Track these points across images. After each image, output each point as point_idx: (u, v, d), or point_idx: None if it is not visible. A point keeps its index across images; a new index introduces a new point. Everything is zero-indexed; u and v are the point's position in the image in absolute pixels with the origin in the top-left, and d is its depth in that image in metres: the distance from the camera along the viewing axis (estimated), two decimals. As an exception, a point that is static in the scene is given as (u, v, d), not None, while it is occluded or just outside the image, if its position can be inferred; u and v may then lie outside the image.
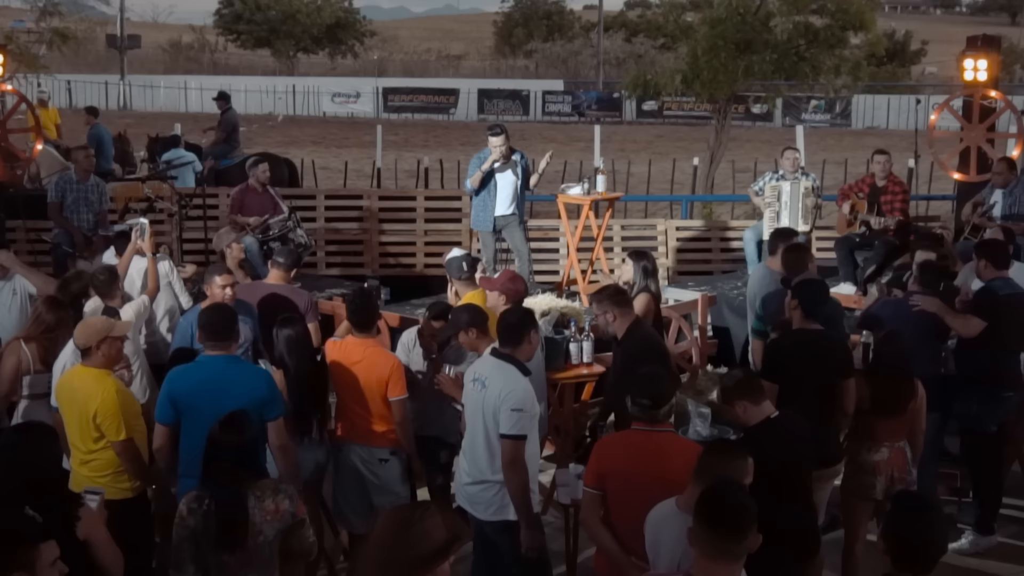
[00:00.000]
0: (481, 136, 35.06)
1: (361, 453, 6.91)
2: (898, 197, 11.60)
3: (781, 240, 8.93)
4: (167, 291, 8.71)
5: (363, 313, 6.92)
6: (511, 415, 5.90)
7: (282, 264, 8.59)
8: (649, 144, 36.79)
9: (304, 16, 62.19)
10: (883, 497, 6.95)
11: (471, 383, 6.22)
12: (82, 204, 11.38)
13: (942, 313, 7.96)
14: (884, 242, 11.48)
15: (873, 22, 17.63)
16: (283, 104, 46.07)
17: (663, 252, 14.61)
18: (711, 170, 18.84)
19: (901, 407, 6.96)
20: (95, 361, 6.26)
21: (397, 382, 6.77)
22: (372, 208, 14.74)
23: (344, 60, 65.33)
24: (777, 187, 12.03)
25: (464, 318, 6.84)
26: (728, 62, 17.03)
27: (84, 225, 11.35)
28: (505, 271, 7.76)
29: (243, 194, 11.95)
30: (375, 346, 6.91)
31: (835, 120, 43.25)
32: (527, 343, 6.21)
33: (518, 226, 11.11)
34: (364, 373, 6.79)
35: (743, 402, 5.97)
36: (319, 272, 14.41)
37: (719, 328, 11.50)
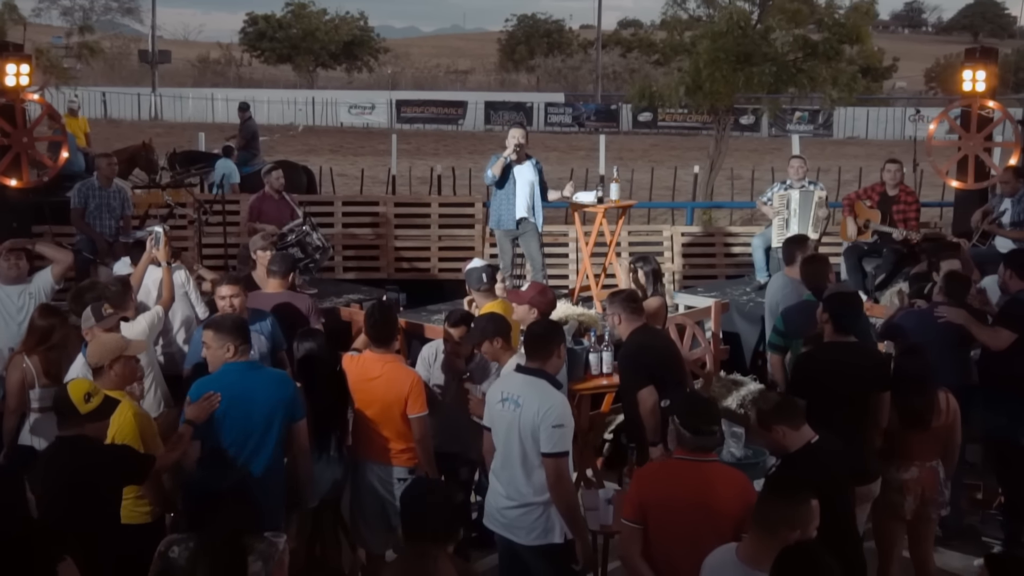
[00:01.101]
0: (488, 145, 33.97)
1: (379, 472, 6.11)
2: (911, 207, 10.78)
3: (797, 248, 8.13)
4: (183, 301, 7.90)
5: (382, 328, 6.11)
6: (552, 432, 5.17)
7: (276, 272, 7.84)
8: (645, 152, 35.98)
9: (323, 34, 61.86)
10: (912, 517, 6.19)
11: (499, 403, 5.42)
12: (104, 210, 10.57)
13: (969, 325, 7.18)
14: (893, 250, 10.67)
15: (868, 36, 16.83)
16: (303, 115, 45.32)
17: (669, 257, 13.82)
18: (711, 178, 18.03)
19: (926, 422, 6.17)
20: (107, 381, 5.47)
21: (417, 399, 5.97)
22: (388, 214, 13.95)
23: (360, 74, 64.69)
24: (786, 196, 11.21)
25: (490, 327, 6.08)
26: (729, 74, 16.22)
27: (106, 231, 10.54)
28: (533, 284, 6.98)
29: (260, 201, 11.16)
30: (394, 361, 6.10)
31: (818, 130, 42.42)
32: (556, 356, 5.47)
33: (534, 233, 10.28)
34: (383, 390, 5.99)
35: (782, 427, 5.20)
36: (337, 276, 13.67)
37: (729, 333, 10.68)
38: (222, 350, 5.74)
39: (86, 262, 10.00)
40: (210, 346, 5.78)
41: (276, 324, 7.26)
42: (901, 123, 43.59)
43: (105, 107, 44.87)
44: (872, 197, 11.02)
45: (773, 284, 8.34)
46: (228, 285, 7.09)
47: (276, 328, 7.24)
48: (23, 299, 7.44)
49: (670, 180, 20.53)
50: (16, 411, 6.49)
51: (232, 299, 7.03)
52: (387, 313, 6.22)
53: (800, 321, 7.11)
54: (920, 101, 54.40)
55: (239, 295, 7.06)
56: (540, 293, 6.68)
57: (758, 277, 11.44)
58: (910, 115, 36.94)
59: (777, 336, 7.42)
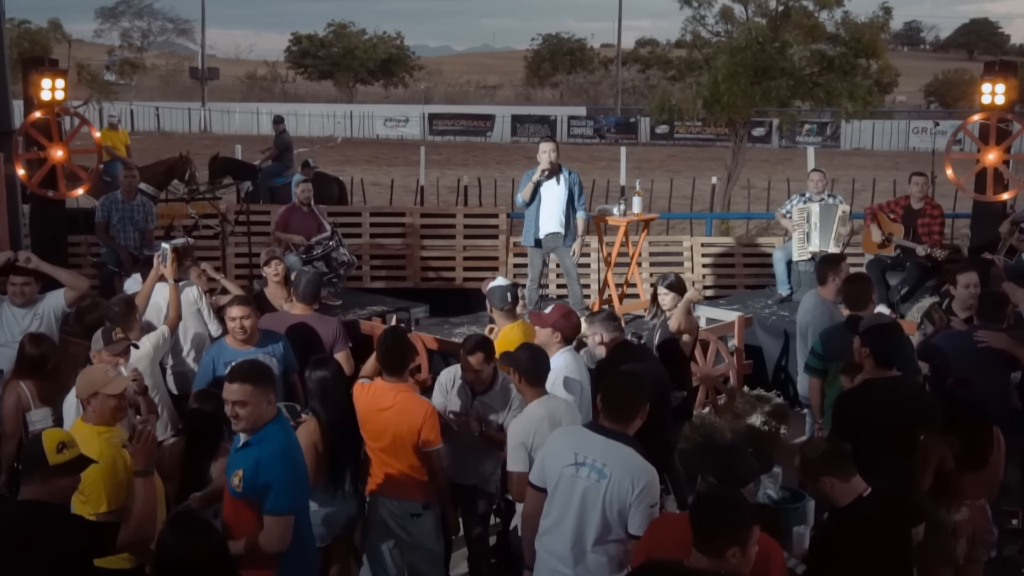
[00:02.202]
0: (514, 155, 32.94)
1: (391, 507, 5.30)
2: (936, 221, 9.88)
3: (830, 269, 7.21)
4: (196, 319, 7.11)
5: (395, 356, 5.29)
6: (648, 513, 4.27)
7: (305, 295, 6.95)
8: (662, 163, 35.05)
9: (361, 52, 61.37)
10: (965, 561, 5.31)
11: (572, 466, 4.39)
12: (128, 223, 9.83)
13: (1012, 349, 6.28)
14: (917, 264, 9.77)
15: (883, 51, 15.84)
16: (342, 127, 44.68)
17: (689, 268, 12.96)
18: (728, 188, 17.11)
19: (983, 460, 5.30)
20: (88, 416, 4.68)
21: (431, 431, 5.16)
22: (414, 224, 13.17)
23: (396, 90, 64.03)
24: (806, 209, 10.34)
25: (524, 361, 5.18)
26: (747, 88, 15.30)
27: (130, 244, 9.80)
28: (558, 306, 6.09)
29: (288, 213, 10.39)
30: (407, 391, 5.27)
31: (826, 142, 41.25)
32: (639, 419, 4.50)
33: (568, 247, 9.40)
34: (395, 421, 5.18)
35: (830, 478, 4.33)
36: (364, 285, 12.91)
37: (751, 347, 9.81)
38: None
39: (110, 275, 9.28)
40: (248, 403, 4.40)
41: (289, 346, 6.46)
42: (904, 135, 42.50)
43: (158, 120, 44.35)
44: (896, 211, 10.11)
45: (804, 304, 7.44)
46: (239, 306, 6.28)
47: (289, 350, 6.44)
48: (30, 321, 6.68)
49: (688, 190, 19.62)
50: (13, 436, 5.74)
51: (243, 320, 6.23)
52: (399, 340, 5.37)
53: (840, 343, 6.25)
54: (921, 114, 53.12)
55: (250, 316, 6.25)
56: (564, 316, 5.83)
57: (780, 290, 10.58)
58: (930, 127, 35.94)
59: (815, 359, 6.55)
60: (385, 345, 5.28)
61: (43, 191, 11.14)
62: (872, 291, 6.48)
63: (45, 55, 16.00)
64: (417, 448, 5.15)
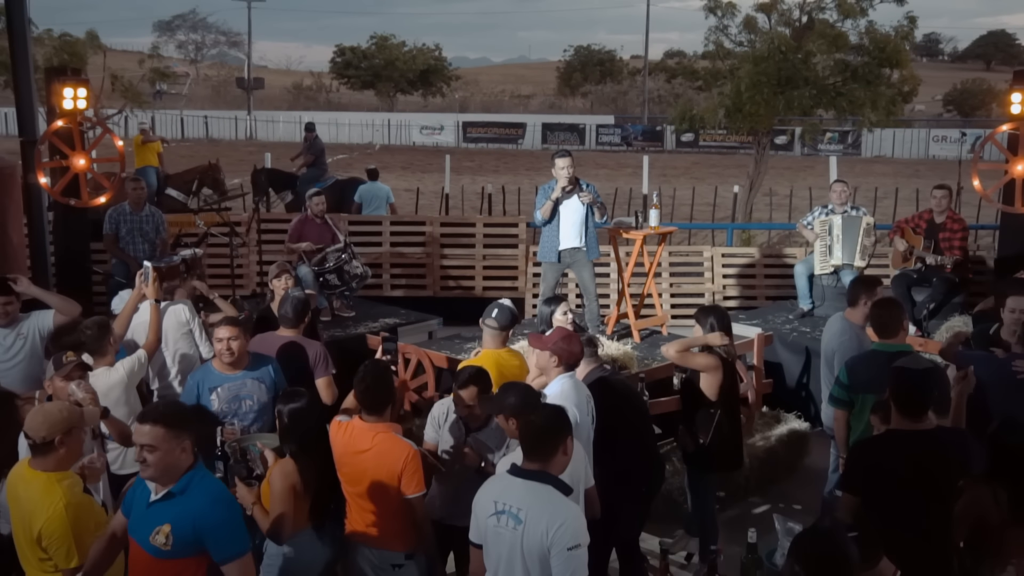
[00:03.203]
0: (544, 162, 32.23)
1: (371, 556, 4.56)
2: (957, 235, 9.01)
3: (864, 290, 6.33)
4: (186, 339, 6.39)
5: (374, 394, 4.54)
6: (568, 557, 3.60)
7: (288, 319, 6.16)
8: (687, 170, 34.16)
9: (401, 63, 60.87)
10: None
11: (492, 516, 3.80)
12: (137, 235, 9.18)
13: (1058, 382, 5.43)
14: (943, 279, 8.89)
15: (908, 60, 14.88)
16: (380, 135, 44.13)
17: (709, 278, 12.13)
18: (750, 197, 16.22)
19: (1035, 514, 4.47)
20: (49, 461, 3.99)
21: (412, 476, 4.41)
22: (434, 233, 12.45)
23: (434, 99, 63.42)
24: (828, 221, 9.49)
25: (510, 401, 4.46)
26: (770, 97, 14.42)
27: (141, 256, 9.11)
28: (558, 328, 5.32)
29: (301, 224, 9.70)
30: (386, 432, 4.50)
31: (847, 149, 40.04)
32: (562, 454, 3.84)
33: (587, 262, 8.50)
34: (373, 465, 4.44)
35: None
36: (384, 293, 12.21)
37: (771, 364, 8.99)
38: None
39: (118, 287, 8.56)
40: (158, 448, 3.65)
41: (280, 370, 5.74)
42: (925, 143, 41.20)
43: (207, 128, 44.02)
44: (920, 224, 9.25)
45: (830, 328, 6.56)
46: (226, 326, 5.56)
47: (280, 374, 5.71)
48: (13, 340, 6.03)
49: (710, 197, 18.77)
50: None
51: (230, 342, 5.51)
52: (380, 377, 4.60)
53: (868, 375, 5.43)
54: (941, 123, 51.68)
55: (238, 338, 5.53)
56: (564, 340, 5.04)
57: (801, 304, 9.74)
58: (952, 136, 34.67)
59: (841, 389, 5.68)
60: (364, 382, 4.53)
61: (65, 199, 10.57)
62: (903, 318, 5.62)
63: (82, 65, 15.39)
64: (398, 494, 4.41)
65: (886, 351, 5.48)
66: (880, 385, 5.38)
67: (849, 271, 9.38)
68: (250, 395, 5.54)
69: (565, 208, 8.34)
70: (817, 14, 14.86)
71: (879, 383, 5.38)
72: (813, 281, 9.66)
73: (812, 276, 9.63)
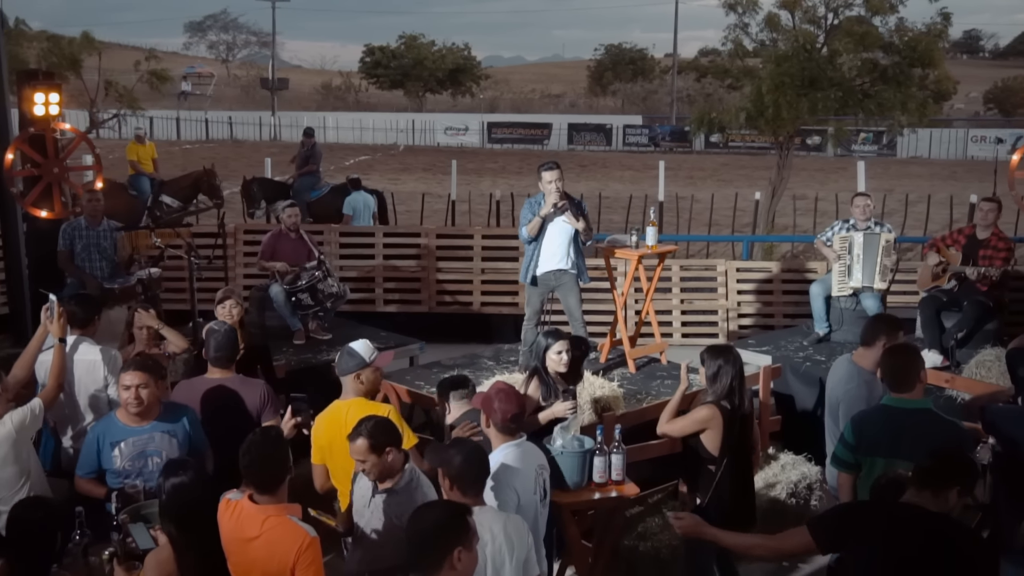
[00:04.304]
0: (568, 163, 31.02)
1: (267, 662, 3.78)
2: (1000, 255, 7.98)
3: (884, 329, 5.42)
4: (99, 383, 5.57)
5: (262, 472, 3.76)
6: None
7: (218, 358, 5.33)
8: (714, 172, 33.16)
9: (430, 62, 60.23)
10: None
11: None
12: (94, 251, 8.42)
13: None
14: (975, 303, 7.93)
15: (941, 60, 13.85)
16: (404, 136, 43.49)
17: (723, 294, 11.27)
18: (772, 204, 15.27)
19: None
20: None
21: (308, 569, 3.61)
22: (430, 245, 11.68)
23: (463, 99, 62.75)
24: (848, 238, 8.58)
25: (456, 464, 3.75)
26: (793, 99, 13.48)
27: (98, 274, 8.43)
28: (497, 383, 4.51)
29: (275, 239, 8.96)
30: (279, 515, 3.70)
31: (882, 151, 38.80)
32: (448, 568, 3.07)
33: (573, 285, 7.59)
34: (263, 556, 3.65)
35: None
36: (377, 309, 11.48)
37: (782, 395, 8.13)
38: None
39: (68, 310, 7.82)
40: None
41: (197, 423, 4.97)
42: (963, 143, 39.81)
43: (232, 129, 43.60)
44: (959, 239, 8.28)
45: (835, 373, 5.65)
46: (134, 371, 4.77)
47: (198, 428, 4.94)
48: None
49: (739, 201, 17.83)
50: None
51: (139, 390, 4.74)
52: (269, 451, 3.80)
53: (878, 435, 4.58)
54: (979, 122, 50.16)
55: (148, 385, 4.74)
56: (498, 397, 4.22)
57: (817, 329, 8.84)
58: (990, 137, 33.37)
59: (846, 451, 4.76)
60: (249, 456, 3.74)
61: (36, 210, 9.93)
62: (921, 368, 4.72)
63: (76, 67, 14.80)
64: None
65: (901, 408, 4.62)
66: (893, 448, 4.55)
67: (870, 294, 8.48)
68: (158, 451, 4.79)
69: (551, 226, 7.52)
70: (844, 11, 13.89)
71: (891, 445, 4.55)
72: (831, 303, 8.77)
73: (829, 298, 8.74)
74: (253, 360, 6.49)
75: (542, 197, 7.54)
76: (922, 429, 4.55)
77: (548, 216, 7.45)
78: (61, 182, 10.37)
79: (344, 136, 43.68)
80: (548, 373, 5.48)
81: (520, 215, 7.73)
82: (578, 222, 7.44)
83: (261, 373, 6.57)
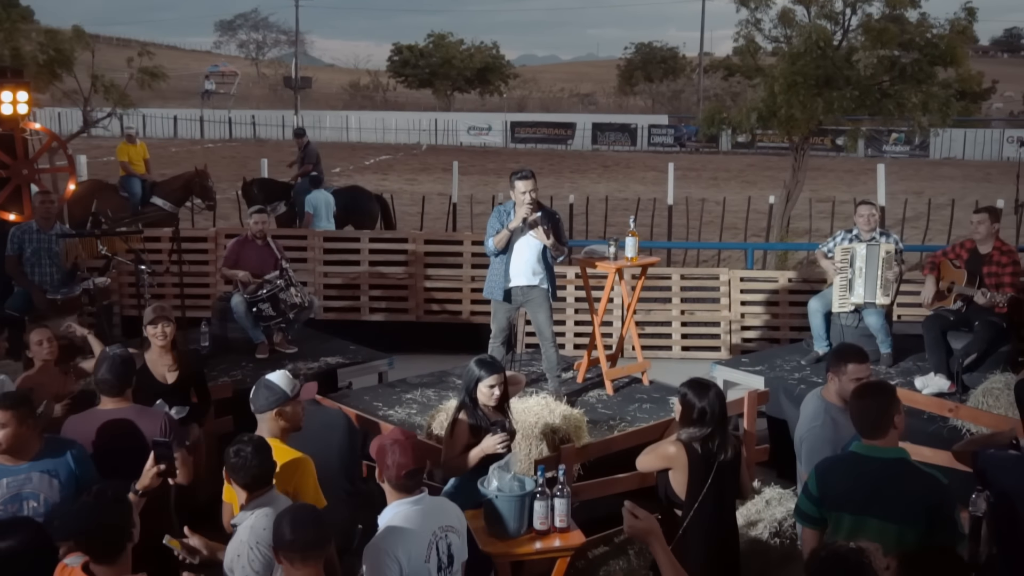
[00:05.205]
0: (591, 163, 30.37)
1: None
2: (1006, 270, 7.25)
3: (847, 360, 4.81)
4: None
5: (100, 536, 3.18)
6: None
7: (106, 385, 4.72)
8: (740, 173, 32.33)
9: (458, 61, 59.80)
10: None
11: None
12: (44, 256, 7.91)
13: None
14: (987, 324, 7.22)
15: (965, 57, 13.05)
16: (427, 136, 43.02)
17: (726, 305, 10.62)
18: (787, 209, 14.55)
19: None
20: None
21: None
22: (418, 251, 11.14)
23: (491, 97, 62.24)
24: (850, 249, 7.90)
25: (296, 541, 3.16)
26: (807, 99, 12.77)
27: (47, 281, 7.92)
28: (394, 431, 3.94)
29: (239, 246, 8.46)
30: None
31: (914, 151, 37.72)
32: None
33: (543, 301, 7.05)
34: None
35: None
36: (362, 317, 10.97)
37: (774, 420, 7.49)
38: None
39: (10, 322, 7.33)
40: None
41: (86, 460, 4.43)
42: (999, 144, 38.57)
43: (255, 129, 43.39)
44: (961, 255, 7.58)
45: (804, 410, 4.99)
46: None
47: (85, 464, 4.40)
48: None
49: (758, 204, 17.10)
50: None
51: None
52: (112, 516, 3.22)
53: (844, 487, 3.94)
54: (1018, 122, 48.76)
55: (7, 424, 4.17)
56: (397, 449, 3.64)
57: (816, 347, 8.18)
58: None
59: (809, 503, 4.08)
60: (83, 521, 3.15)
61: (4, 213, 9.52)
62: (895, 412, 4.06)
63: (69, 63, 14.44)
64: None
65: (872, 457, 3.98)
66: (863, 503, 3.92)
67: (872, 310, 7.81)
68: (35, 494, 4.26)
69: (520, 241, 6.95)
70: (862, 6, 13.14)
71: (861, 501, 3.92)
72: (831, 320, 8.10)
73: (829, 314, 8.07)
74: (186, 385, 5.97)
75: (512, 206, 6.97)
76: (896, 483, 3.91)
77: (517, 229, 6.88)
78: (31, 184, 10.04)
79: (367, 136, 43.33)
80: (478, 406, 4.91)
81: (488, 223, 7.15)
82: (548, 239, 6.86)
83: (195, 397, 6.07)
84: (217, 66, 58.27)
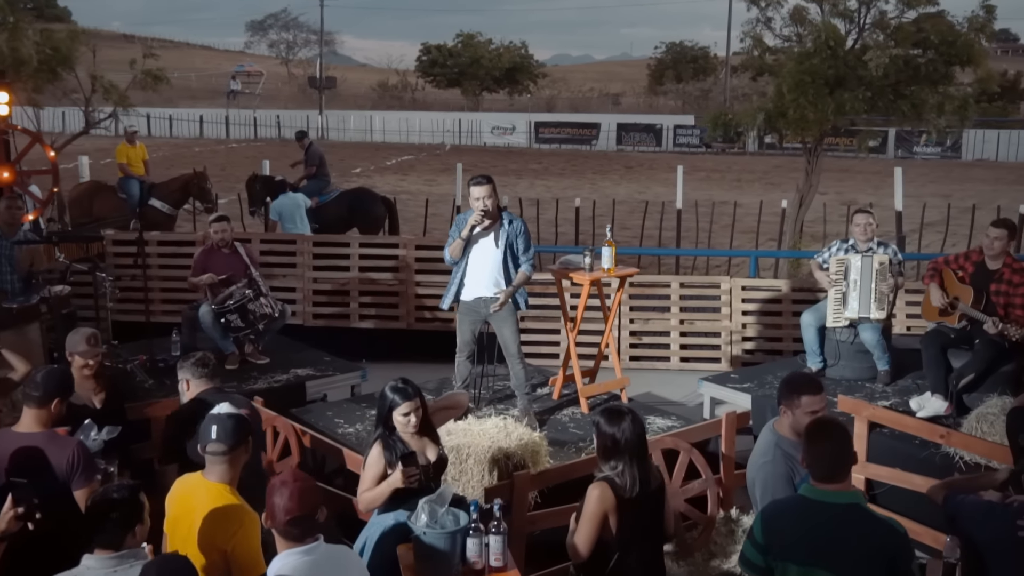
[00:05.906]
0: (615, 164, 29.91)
1: None
2: (1018, 291, 6.62)
3: (804, 391, 4.38)
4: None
5: None
6: None
7: (34, 398, 4.44)
8: (765, 174, 31.70)
9: (487, 61, 59.78)
10: None
11: None
12: (5, 263, 7.66)
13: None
14: (990, 343, 6.69)
15: (983, 56, 12.47)
16: (452, 136, 42.76)
17: (727, 314, 10.17)
18: (800, 214, 14.04)
19: None
20: None
21: None
22: (408, 257, 10.80)
23: (520, 97, 61.97)
24: (845, 260, 7.45)
25: None
26: (817, 100, 12.27)
27: (8, 288, 7.66)
28: (284, 473, 3.56)
29: (205, 256, 8.17)
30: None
31: (945, 152, 36.83)
32: None
33: (508, 315, 6.71)
34: None
35: None
36: (352, 324, 10.66)
37: (761, 441, 7.04)
38: None
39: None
40: None
41: None
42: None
43: (279, 129, 43.35)
44: (965, 267, 7.05)
45: (758, 445, 4.59)
46: None
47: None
48: None
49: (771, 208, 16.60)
50: None
51: None
52: None
53: (792, 535, 3.53)
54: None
55: None
56: (284, 493, 3.29)
57: (809, 363, 7.74)
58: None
59: (754, 550, 3.68)
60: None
61: (-18, 218, 9.31)
62: (851, 456, 3.63)
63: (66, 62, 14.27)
64: None
65: (822, 502, 3.57)
66: (811, 553, 3.51)
67: (868, 325, 7.35)
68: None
69: (479, 249, 6.59)
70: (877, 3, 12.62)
71: (809, 550, 3.52)
72: (825, 335, 7.65)
73: (823, 328, 7.62)
74: (117, 405, 5.65)
75: (470, 214, 6.62)
76: (849, 532, 3.50)
77: (471, 238, 6.53)
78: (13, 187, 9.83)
79: (391, 136, 43.15)
80: (394, 435, 4.55)
81: (449, 232, 6.81)
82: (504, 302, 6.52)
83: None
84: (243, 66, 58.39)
